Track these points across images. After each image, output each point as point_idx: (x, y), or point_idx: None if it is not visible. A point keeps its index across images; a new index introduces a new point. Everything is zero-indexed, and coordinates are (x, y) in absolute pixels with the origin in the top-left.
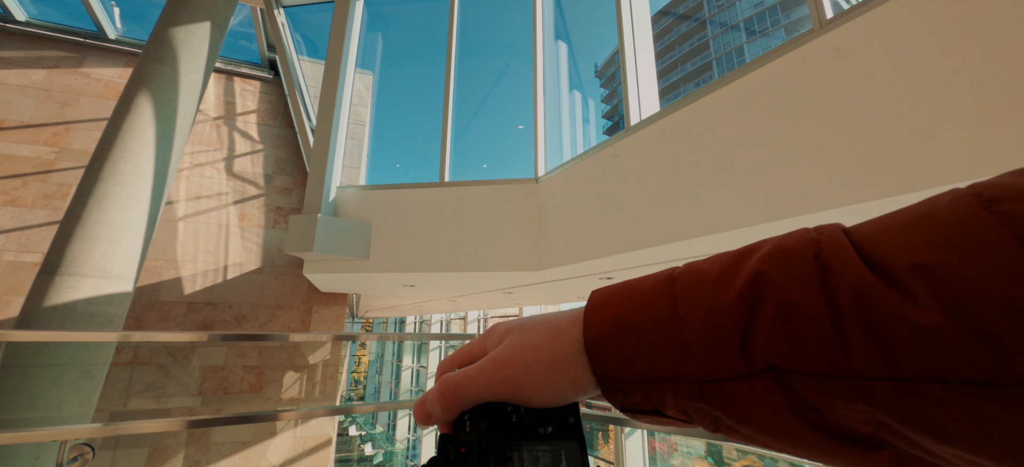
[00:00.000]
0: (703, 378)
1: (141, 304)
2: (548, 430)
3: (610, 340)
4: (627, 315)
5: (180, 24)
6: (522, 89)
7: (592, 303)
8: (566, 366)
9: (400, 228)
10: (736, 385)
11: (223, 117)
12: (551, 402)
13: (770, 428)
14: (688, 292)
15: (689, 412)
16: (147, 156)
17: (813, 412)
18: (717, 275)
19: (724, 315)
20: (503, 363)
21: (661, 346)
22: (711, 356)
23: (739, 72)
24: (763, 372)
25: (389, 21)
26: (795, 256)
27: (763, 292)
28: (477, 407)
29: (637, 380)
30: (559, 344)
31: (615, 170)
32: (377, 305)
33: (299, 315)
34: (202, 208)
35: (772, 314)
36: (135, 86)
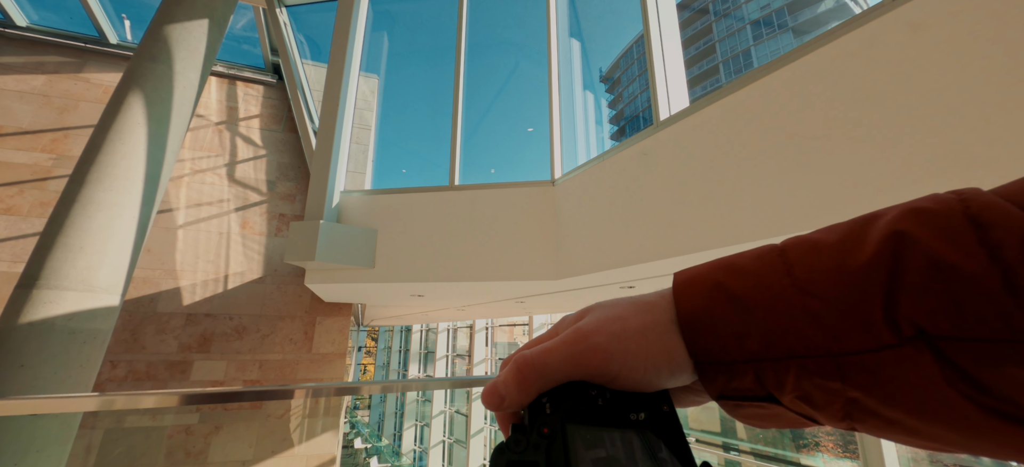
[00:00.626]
0: (839, 351)
1: (139, 316)
2: (640, 416)
3: (713, 314)
4: (730, 286)
5: (176, 21)
6: (533, 90)
7: (679, 279)
8: (660, 335)
9: (408, 235)
10: (881, 356)
11: (225, 122)
12: (643, 378)
13: (926, 408)
14: (805, 260)
15: (813, 396)
16: (138, 159)
17: (974, 386)
18: (837, 242)
19: (857, 278)
20: (588, 332)
21: (780, 318)
22: (846, 325)
23: (789, 57)
24: (913, 340)
25: (395, 20)
26: (938, 214)
27: (905, 251)
28: (557, 389)
29: (749, 358)
30: (649, 314)
31: (642, 171)
32: (383, 314)
33: (302, 326)
34: (203, 215)
35: (919, 274)
36: (127, 86)
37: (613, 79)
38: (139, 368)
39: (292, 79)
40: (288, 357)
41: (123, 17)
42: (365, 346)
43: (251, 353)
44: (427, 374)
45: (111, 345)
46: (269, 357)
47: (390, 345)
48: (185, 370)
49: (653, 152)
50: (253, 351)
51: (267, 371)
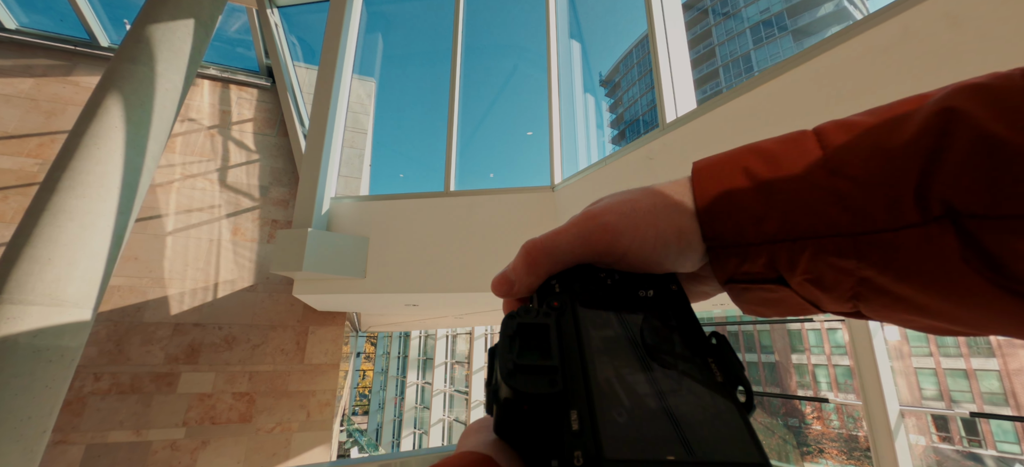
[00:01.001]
0: (859, 230)
1: (124, 326)
2: (649, 294)
3: (733, 197)
4: (756, 169)
5: (159, 22)
6: (532, 93)
7: (701, 165)
8: (671, 214)
9: (400, 243)
10: (903, 235)
11: (218, 126)
12: (652, 256)
13: (938, 284)
14: (842, 140)
15: (824, 277)
16: (114, 164)
17: (989, 261)
18: (879, 121)
19: (895, 157)
20: (597, 212)
21: (804, 198)
22: (872, 205)
23: (810, 52)
24: (939, 219)
25: (391, 21)
26: (998, 89)
27: (953, 128)
28: (566, 272)
29: (763, 241)
30: (660, 197)
31: (648, 175)
32: (380, 321)
33: (294, 336)
34: (193, 222)
35: (963, 152)
36: (104, 88)
37: (613, 82)
38: (123, 380)
39: (282, 81)
40: (279, 368)
41: (125, 22)
42: (364, 351)
43: (241, 364)
44: (425, 381)
45: (94, 356)
46: (259, 368)
47: (389, 350)
48: (172, 382)
49: (659, 155)
50: (243, 362)
51: (257, 383)
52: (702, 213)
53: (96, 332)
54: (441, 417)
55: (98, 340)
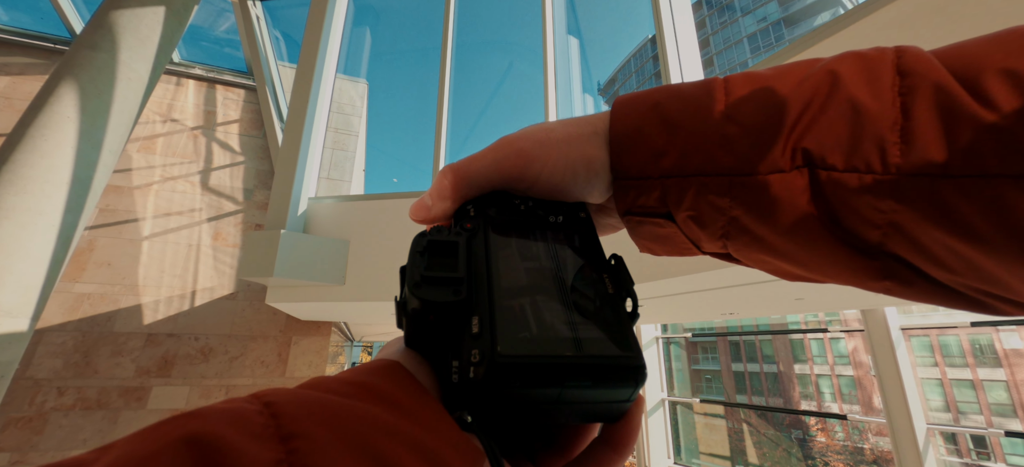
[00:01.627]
0: (737, 171)
1: (92, 336)
2: (558, 219)
3: (642, 131)
4: (666, 107)
5: (126, 7)
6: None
7: (622, 100)
8: (582, 144)
9: (384, 247)
10: (770, 178)
11: (202, 127)
12: (561, 182)
13: (784, 226)
14: (741, 89)
15: (703, 214)
16: (63, 158)
17: (831, 211)
18: (776, 75)
19: (778, 110)
20: (512, 139)
21: (699, 139)
22: (752, 151)
23: (816, 35)
24: (800, 168)
25: (379, 15)
26: (873, 60)
27: (831, 90)
28: (481, 197)
29: (660, 175)
30: (576, 126)
31: None
32: (371, 331)
33: (276, 347)
34: (171, 226)
35: (834, 111)
36: (58, 75)
37: (611, 91)
38: (89, 395)
39: (262, 76)
40: (259, 382)
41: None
42: (359, 361)
43: (217, 377)
44: None
45: (59, 369)
46: (237, 382)
47: None
48: (141, 397)
49: None
50: (220, 375)
51: (235, 396)
52: (614, 144)
53: (63, 343)
54: None
55: (64, 351)
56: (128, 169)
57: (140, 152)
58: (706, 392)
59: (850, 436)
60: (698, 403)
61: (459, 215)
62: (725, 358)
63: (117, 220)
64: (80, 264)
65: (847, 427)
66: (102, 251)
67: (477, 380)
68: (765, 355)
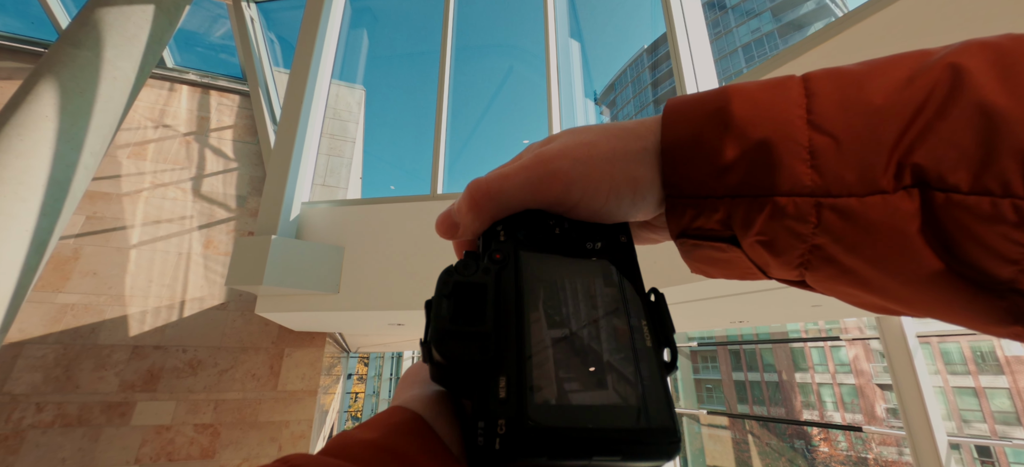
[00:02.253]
0: (826, 192)
1: (75, 349)
2: (597, 246)
3: (701, 142)
4: (733, 112)
5: (113, 5)
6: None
7: (675, 103)
8: (628, 163)
9: (380, 253)
10: (867, 202)
11: (194, 133)
12: (603, 207)
13: (885, 260)
14: (829, 90)
15: (778, 240)
16: (40, 159)
17: (947, 241)
18: (876, 72)
19: (878, 117)
20: (550, 156)
21: (776, 151)
22: (844, 167)
23: (830, 30)
24: (908, 189)
25: (376, 17)
26: (1012, 52)
27: (953, 90)
28: (513, 217)
29: (725, 193)
30: (621, 141)
31: None
32: (367, 341)
33: (267, 359)
34: (161, 234)
35: (955, 118)
36: (38, 73)
37: (609, 100)
38: (70, 411)
39: (255, 79)
40: (249, 395)
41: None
42: (356, 372)
43: (205, 391)
44: None
45: (38, 384)
46: (226, 396)
47: (380, 372)
48: (125, 413)
49: None
50: (208, 389)
51: (223, 412)
52: (666, 156)
53: (44, 356)
54: None
55: (45, 365)
56: (117, 175)
57: (130, 158)
58: (708, 402)
59: (853, 446)
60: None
61: (488, 236)
62: (725, 367)
63: (105, 228)
64: (64, 273)
65: (850, 437)
66: (88, 260)
67: (502, 451)
68: (766, 364)
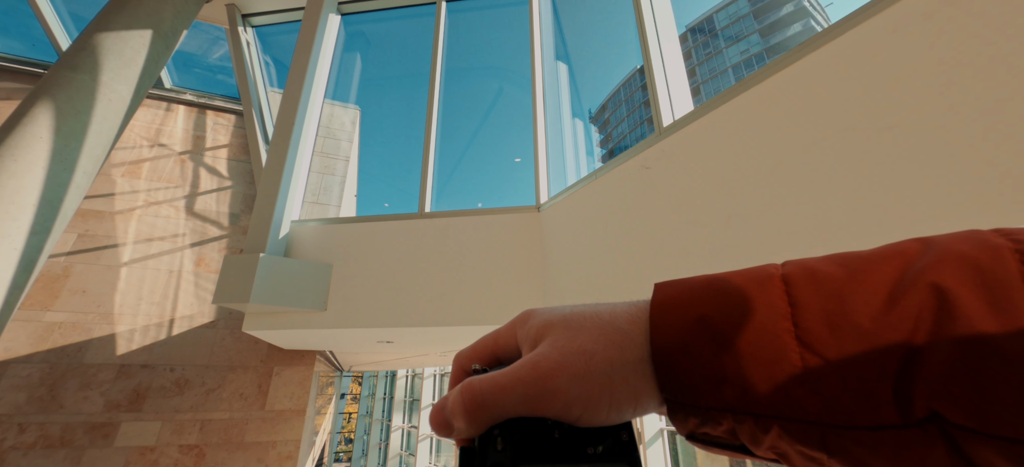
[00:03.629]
0: (829, 422)
1: (60, 368)
2: (598, 449)
3: (690, 349)
4: (715, 320)
5: (111, 30)
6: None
7: (660, 299)
8: (627, 376)
9: (368, 271)
10: (881, 436)
11: (190, 152)
12: (607, 418)
13: None
14: (812, 301)
15: (791, 457)
16: (33, 178)
17: None
18: (855, 282)
19: (873, 340)
20: (546, 372)
21: (770, 369)
22: (846, 394)
23: (820, 38)
24: (923, 423)
25: (370, 41)
26: (993, 273)
27: (943, 316)
28: (509, 422)
29: (726, 408)
30: (617, 349)
31: (645, 188)
32: (359, 360)
33: (256, 378)
34: (152, 252)
35: (953, 348)
36: (35, 96)
37: (602, 120)
38: (52, 432)
39: (248, 99)
40: (236, 416)
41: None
42: (349, 392)
43: (192, 411)
44: (412, 424)
45: (22, 404)
46: (213, 416)
47: (374, 391)
48: (109, 434)
49: (656, 165)
50: (195, 409)
51: (209, 433)
52: (659, 365)
53: (29, 376)
54: (427, 465)
55: (29, 385)
56: (111, 194)
57: (125, 177)
58: None
59: None
60: None
61: (484, 441)
62: None
63: (96, 246)
64: (53, 291)
65: None
66: (78, 278)
67: None
68: None
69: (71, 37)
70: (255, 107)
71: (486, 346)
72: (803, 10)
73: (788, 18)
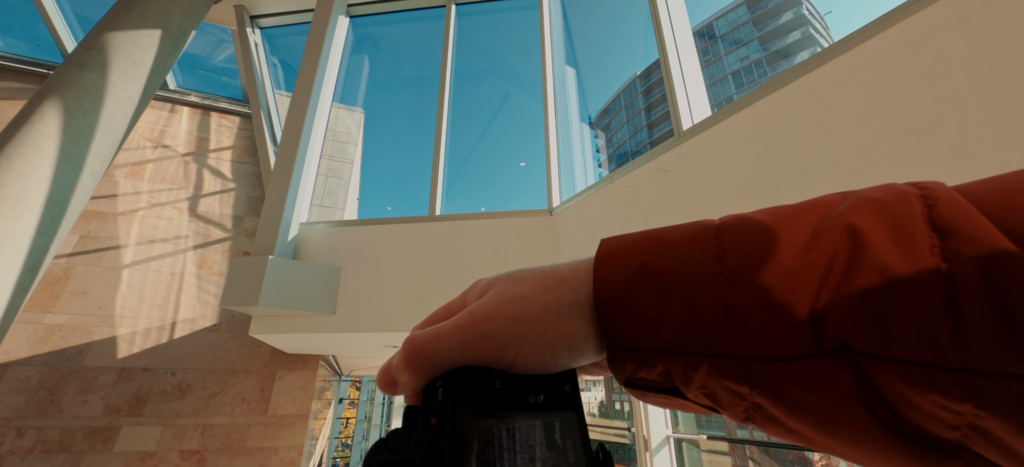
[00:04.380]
0: (752, 355)
1: (60, 372)
2: (539, 399)
3: (630, 295)
4: (655, 267)
5: (120, 29)
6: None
7: (605, 250)
8: (562, 318)
9: (377, 274)
10: (796, 366)
11: (193, 153)
12: (540, 364)
13: (830, 423)
14: (741, 246)
15: (719, 395)
16: (39, 178)
17: (886, 407)
18: (781, 227)
19: (792, 277)
20: (483, 317)
21: (701, 310)
22: (767, 327)
23: (848, 42)
24: (833, 353)
25: (378, 44)
26: (900, 213)
27: (855, 252)
28: (452, 372)
29: (661, 349)
30: (553, 294)
31: (661, 191)
32: (361, 364)
33: (258, 383)
34: (155, 253)
35: (861, 281)
36: (43, 94)
37: (603, 125)
38: (51, 436)
39: (256, 102)
40: (238, 421)
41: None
42: (348, 396)
43: (193, 416)
44: None
45: (20, 408)
46: (215, 421)
47: (373, 396)
48: (108, 438)
49: (675, 168)
50: (196, 413)
51: (210, 438)
52: (600, 309)
53: (28, 379)
54: None
55: (28, 388)
56: (114, 195)
57: (128, 178)
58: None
59: None
60: (705, 440)
61: (427, 393)
62: None
63: (98, 247)
64: (53, 293)
65: None
66: (79, 279)
67: None
68: None
69: (76, 37)
70: (263, 109)
71: (438, 315)
72: (802, 18)
73: (787, 26)
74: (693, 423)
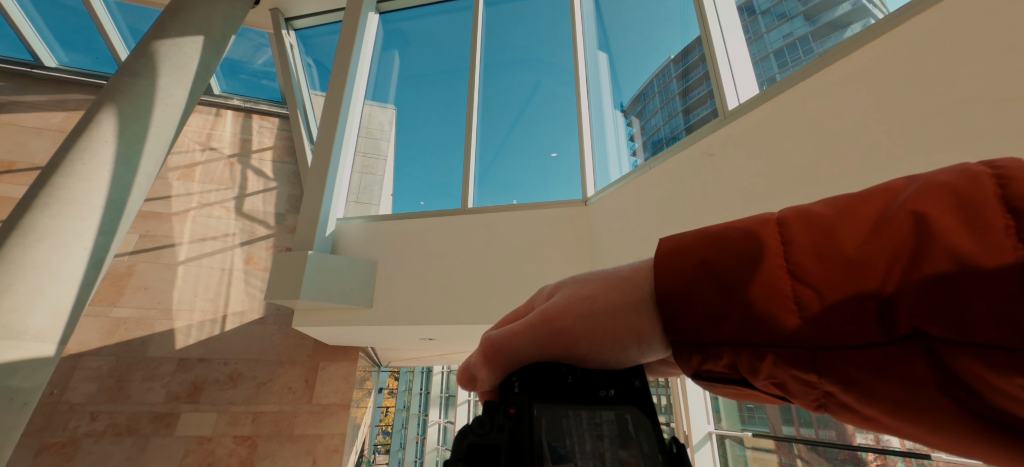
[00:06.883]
0: (819, 344)
1: (127, 361)
2: (610, 393)
3: (692, 291)
4: (715, 263)
5: (167, 37)
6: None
7: (664, 250)
8: (629, 315)
9: (412, 268)
10: (866, 354)
11: (238, 155)
12: (611, 358)
13: (907, 409)
14: (803, 238)
15: (788, 385)
16: (99, 181)
17: (969, 393)
18: (843, 217)
19: (856, 268)
20: (554, 315)
21: (763, 303)
22: (834, 317)
23: (896, 17)
24: (906, 339)
25: (408, 38)
26: (967, 195)
27: (921, 238)
28: (527, 368)
29: (726, 342)
30: (619, 292)
31: (706, 176)
32: (399, 356)
33: (303, 373)
34: (206, 251)
35: (930, 268)
36: (100, 102)
37: (636, 111)
38: (120, 421)
39: (293, 102)
40: (285, 408)
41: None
42: (387, 386)
43: (244, 404)
44: (448, 420)
45: (94, 394)
46: (264, 408)
47: (411, 386)
48: (171, 423)
49: (720, 152)
50: (247, 402)
51: (261, 425)
52: (663, 307)
53: (99, 367)
54: None
55: (99, 376)
56: (168, 196)
57: (180, 180)
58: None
59: None
60: (750, 437)
61: (504, 388)
62: None
63: (156, 246)
64: (119, 288)
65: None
66: (140, 276)
67: None
68: None
69: (129, 48)
70: (300, 109)
71: (509, 319)
72: None
73: None
74: (736, 419)
